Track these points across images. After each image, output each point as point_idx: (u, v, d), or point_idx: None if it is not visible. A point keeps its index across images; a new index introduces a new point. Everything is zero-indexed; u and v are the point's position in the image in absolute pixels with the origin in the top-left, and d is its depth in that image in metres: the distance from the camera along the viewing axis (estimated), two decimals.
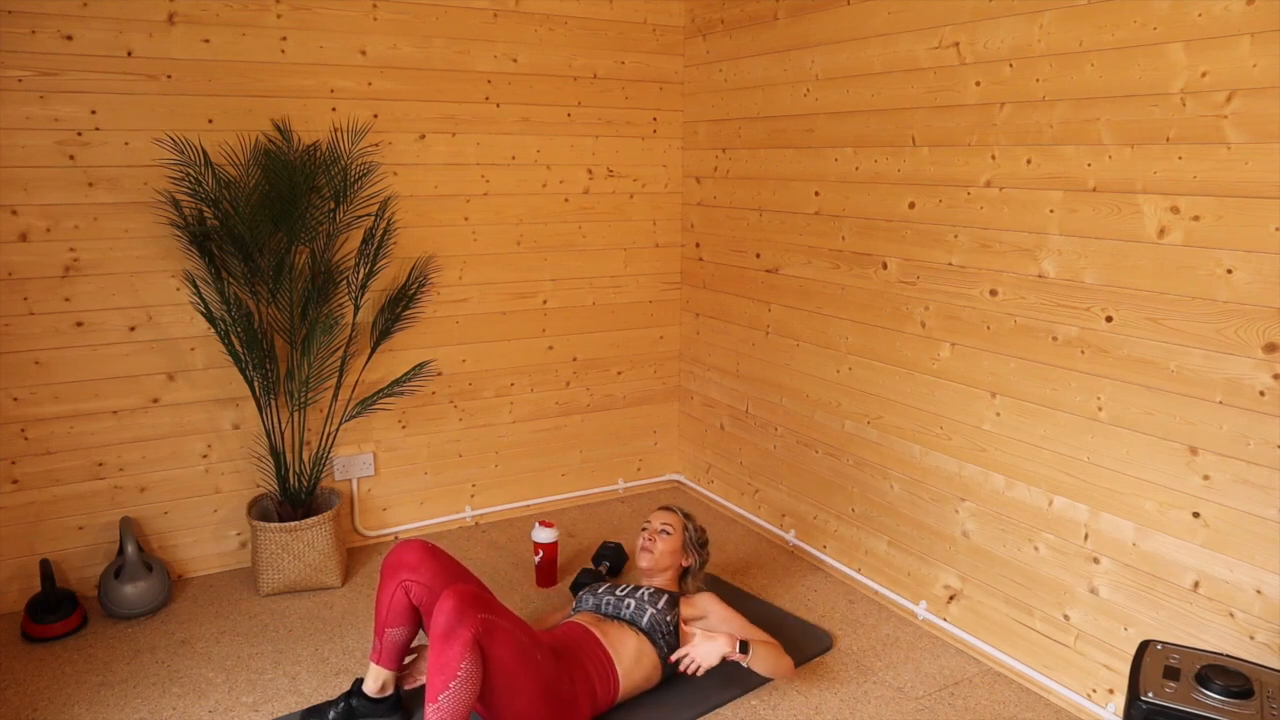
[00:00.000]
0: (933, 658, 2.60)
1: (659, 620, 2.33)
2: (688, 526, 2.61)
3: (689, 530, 2.61)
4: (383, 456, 3.29)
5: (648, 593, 2.41)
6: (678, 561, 2.57)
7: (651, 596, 2.39)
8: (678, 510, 2.65)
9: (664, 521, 2.59)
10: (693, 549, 2.60)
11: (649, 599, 2.38)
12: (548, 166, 3.39)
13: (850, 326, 2.91)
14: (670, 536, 2.56)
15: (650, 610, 2.34)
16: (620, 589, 2.45)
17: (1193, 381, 2.01)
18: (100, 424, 2.82)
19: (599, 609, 2.41)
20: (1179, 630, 2.10)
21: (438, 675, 1.86)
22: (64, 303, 2.71)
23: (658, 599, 2.38)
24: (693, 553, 2.60)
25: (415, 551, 2.22)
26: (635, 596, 2.39)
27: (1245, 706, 1.61)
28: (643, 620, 2.32)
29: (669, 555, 2.54)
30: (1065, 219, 2.23)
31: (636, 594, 2.41)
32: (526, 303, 3.46)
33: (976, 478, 2.54)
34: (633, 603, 2.37)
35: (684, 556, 2.58)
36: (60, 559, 2.84)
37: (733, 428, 3.55)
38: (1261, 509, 1.92)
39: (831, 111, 2.89)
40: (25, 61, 2.55)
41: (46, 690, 2.39)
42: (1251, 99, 1.84)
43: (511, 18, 3.21)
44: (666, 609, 2.36)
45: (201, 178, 2.69)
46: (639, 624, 2.32)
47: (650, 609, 2.35)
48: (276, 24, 2.85)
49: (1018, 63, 2.29)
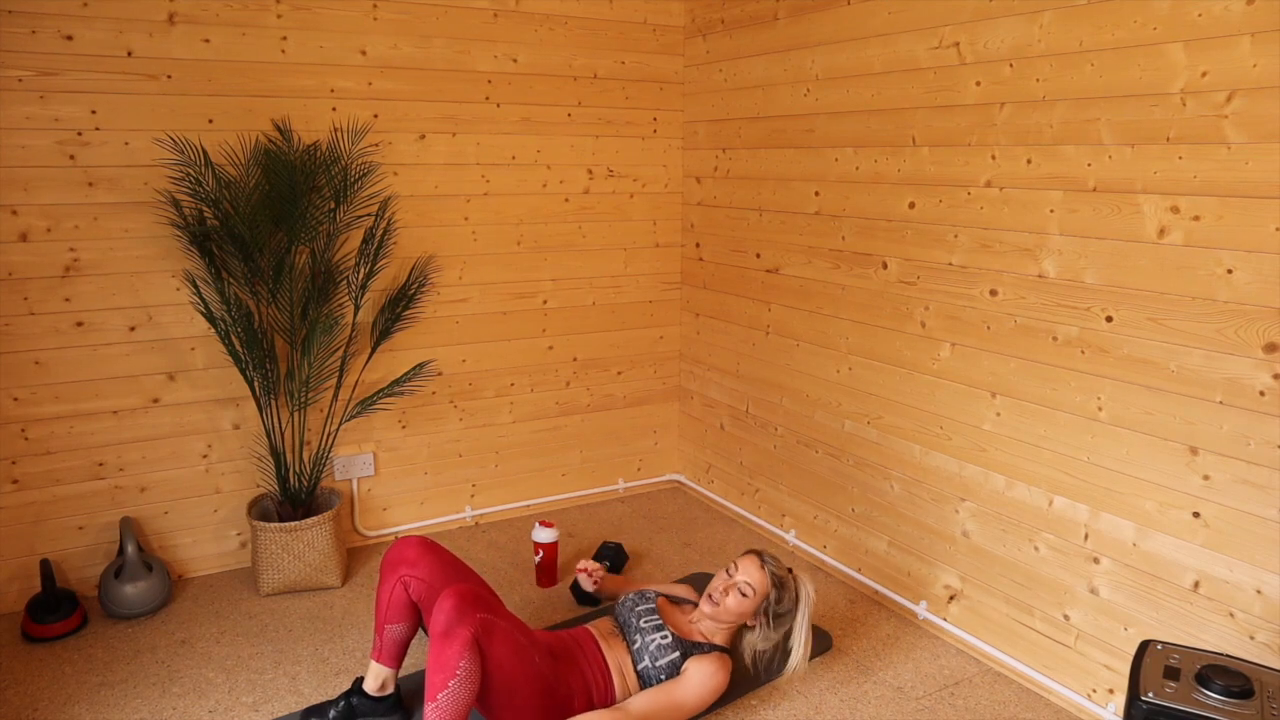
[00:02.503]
0: (933, 658, 2.60)
1: (652, 673, 2.22)
2: (770, 594, 2.29)
3: (769, 599, 2.30)
4: (383, 456, 3.29)
5: (664, 644, 2.24)
6: (741, 624, 2.34)
7: (663, 649, 2.23)
8: (769, 566, 2.32)
9: (748, 581, 2.29)
10: (765, 619, 2.30)
11: (660, 650, 2.23)
12: (548, 166, 3.39)
13: (850, 326, 2.91)
14: (746, 600, 2.28)
15: (647, 662, 2.23)
16: (647, 618, 2.30)
17: (1193, 381, 2.01)
18: (100, 424, 2.82)
19: (621, 623, 2.34)
20: (1179, 630, 2.10)
21: (437, 674, 1.86)
22: (64, 303, 2.71)
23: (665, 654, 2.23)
24: (764, 623, 2.30)
25: (415, 547, 2.22)
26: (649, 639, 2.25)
27: (1245, 706, 1.61)
28: (639, 663, 2.24)
29: (733, 615, 2.30)
30: (1065, 219, 2.23)
31: (651, 638, 2.25)
32: (526, 303, 3.46)
33: (976, 478, 2.54)
34: (641, 641, 2.26)
35: (751, 619, 2.32)
36: (60, 559, 2.84)
37: (733, 428, 3.55)
38: (1261, 509, 1.92)
39: (831, 111, 2.89)
40: (25, 61, 2.56)
41: (46, 690, 2.39)
42: (1251, 99, 1.84)
43: (511, 18, 3.21)
44: (667, 669, 2.22)
45: (201, 178, 2.69)
46: (636, 662, 2.24)
47: (650, 662, 2.22)
48: (277, 24, 2.85)
49: (1018, 63, 2.29)
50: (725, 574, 2.34)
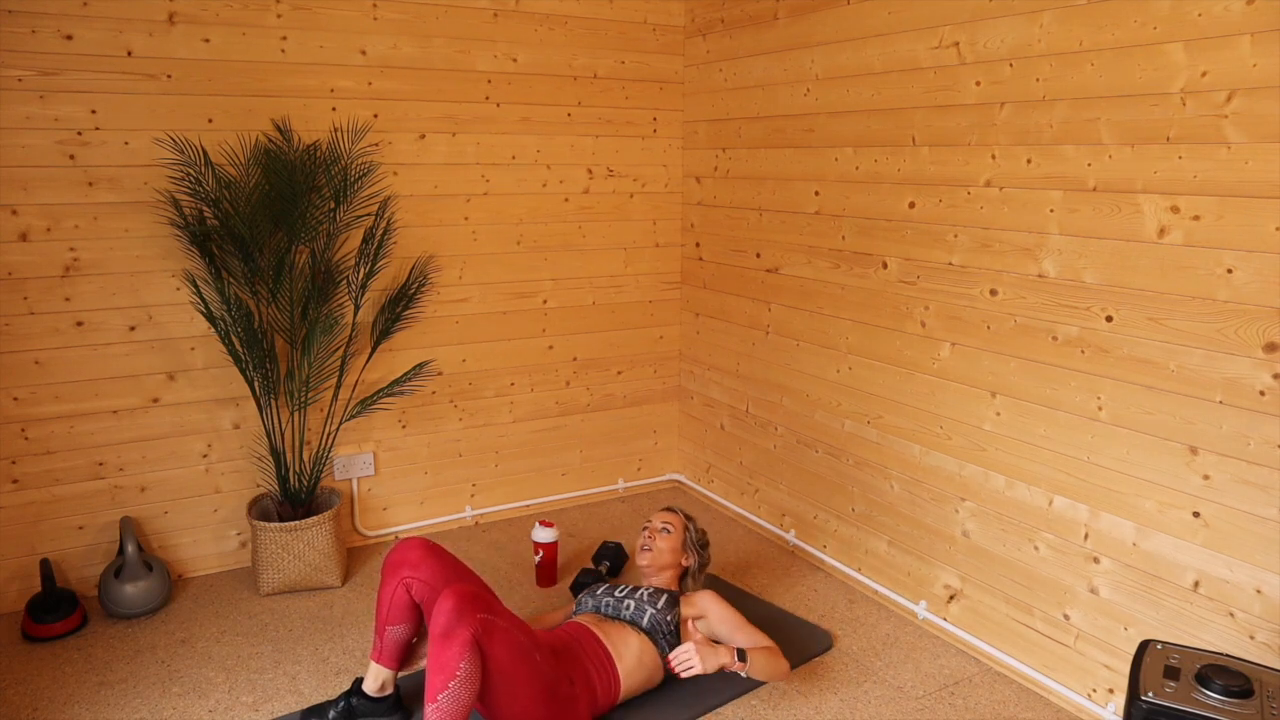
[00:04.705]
0: (933, 658, 2.60)
1: (659, 620, 2.32)
2: (688, 527, 2.61)
3: (689, 530, 2.60)
4: (383, 456, 3.29)
5: (647, 593, 2.40)
6: (677, 561, 2.56)
7: (651, 596, 2.39)
8: (679, 510, 2.65)
9: (664, 520, 2.59)
10: (693, 549, 2.59)
11: (648, 599, 2.37)
12: (548, 166, 3.39)
13: (850, 326, 2.91)
14: (670, 535, 2.55)
15: (650, 610, 2.34)
16: (620, 589, 2.45)
17: (1193, 381, 2.01)
18: (100, 424, 2.82)
19: (599, 609, 2.41)
20: (1179, 630, 2.10)
21: (437, 675, 1.87)
22: (64, 303, 2.71)
23: (657, 599, 2.38)
24: (693, 553, 2.59)
25: (416, 549, 2.22)
26: (635, 597, 2.39)
27: (1245, 706, 1.61)
28: (643, 620, 2.32)
29: (668, 554, 2.54)
30: (1065, 219, 2.23)
31: (636, 594, 2.40)
32: (526, 302, 3.46)
33: (976, 477, 2.54)
34: (632, 603, 2.37)
35: (684, 556, 2.57)
36: (60, 559, 2.84)
37: (733, 427, 3.55)
38: (1261, 509, 1.92)
39: (831, 111, 2.89)
40: (25, 61, 2.56)
41: (46, 690, 2.39)
42: (1251, 99, 1.84)
43: (511, 17, 3.21)
44: (666, 608, 2.36)
45: (201, 177, 2.69)
46: (640, 624, 2.32)
47: (650, 609, 2.34)
48: (277, 24, 2.85)
49: (1018, 63, 2.29)
50: (644, 532, 2.60)
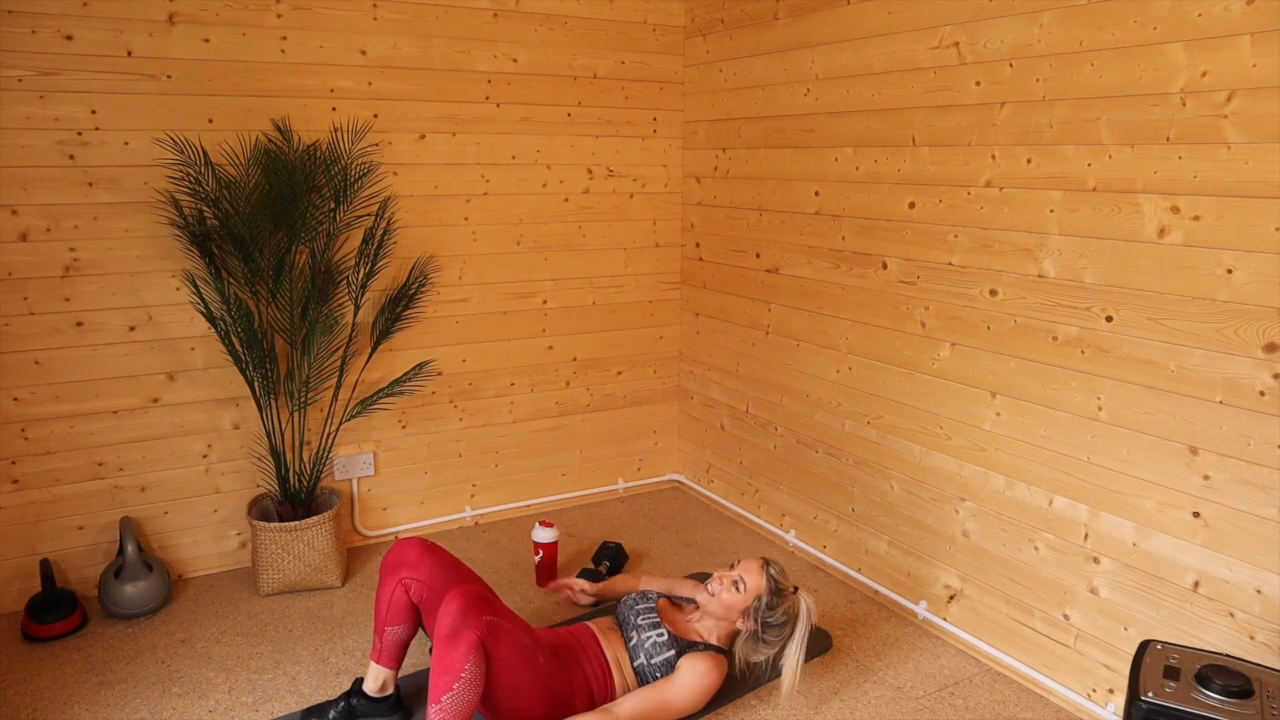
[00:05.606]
0: (933, 658, 2.60)
1: (647, 672, 2.23)
2: (762, 597, 2.27)
3: (760, 600, 2.27)
4: (383, 456, 3.29)
5: (659, 641, 2.25)
6: (731, 620, 2.30)
7: (659, 646, 2.24)
8: (771, 573, 2.30)
9: (743, 573, 2.30)
10: (753, 618, 2.26)
11: (655, 647, 2.24)
12: (548, 166, 3.39)
13: (850, 326, 2.91)
14: (738, 596, 2.28)
15: (643, 659, 2.24)
16: (646, 617, 2.31)
17: (1193, 381, 2.01)
18: (100, 424, 2.82)
19: (620, 620, 2.36)
20: (1179, 630, 2.10)
21: (441, 676, 1.87)
22: (64, 303, 2.71)
23: (660, 652, 2.24)
24: (752, 621, 2.27)
25: (415, 549, 2.22)
26: (648, 633, 2.27)
27: (1245, 706, 1.61)
28: (635, 660, 2.25)
29: (721, 609, 2.29)
30: (1065, 219, 2.23)
31: (652, 632, 2.27)
32: (526, 303, 3.46)
33: (976, 478, 2.54)
34: (641, 637, 2.27)
35: (741, 619, 2.29)
36: (60, 559, 2.84)
37: (733, 428, 3.55)
38: (1261, 509, 1.92)
39: (831, 111, 2.89)
40: (25, 61, 2.55)
41: (46, 690, 2.39)
42: (1251, 99, 1.85)
43: (511, 17, 3.21)
44: (661, 668, 2.23)
45: (201, 177, 2.69)
46: (633, 660, 2.25)
47: (645, 658, 2.23)
48: (277, 24, 2.85)
49: (1018, 63, 2.29)
50: (727, 567, 2.36)
